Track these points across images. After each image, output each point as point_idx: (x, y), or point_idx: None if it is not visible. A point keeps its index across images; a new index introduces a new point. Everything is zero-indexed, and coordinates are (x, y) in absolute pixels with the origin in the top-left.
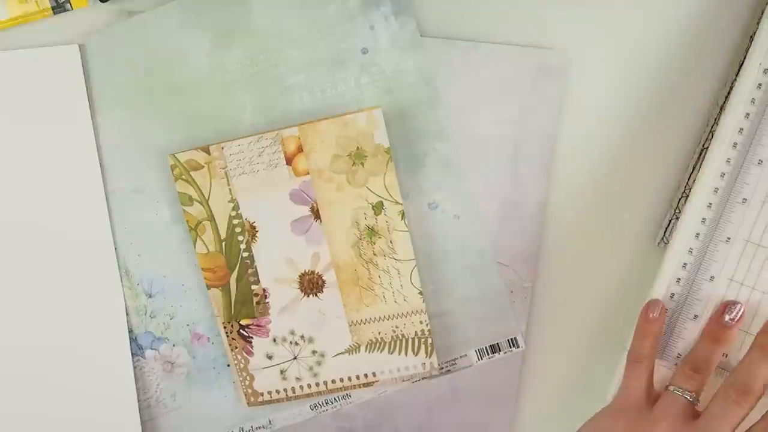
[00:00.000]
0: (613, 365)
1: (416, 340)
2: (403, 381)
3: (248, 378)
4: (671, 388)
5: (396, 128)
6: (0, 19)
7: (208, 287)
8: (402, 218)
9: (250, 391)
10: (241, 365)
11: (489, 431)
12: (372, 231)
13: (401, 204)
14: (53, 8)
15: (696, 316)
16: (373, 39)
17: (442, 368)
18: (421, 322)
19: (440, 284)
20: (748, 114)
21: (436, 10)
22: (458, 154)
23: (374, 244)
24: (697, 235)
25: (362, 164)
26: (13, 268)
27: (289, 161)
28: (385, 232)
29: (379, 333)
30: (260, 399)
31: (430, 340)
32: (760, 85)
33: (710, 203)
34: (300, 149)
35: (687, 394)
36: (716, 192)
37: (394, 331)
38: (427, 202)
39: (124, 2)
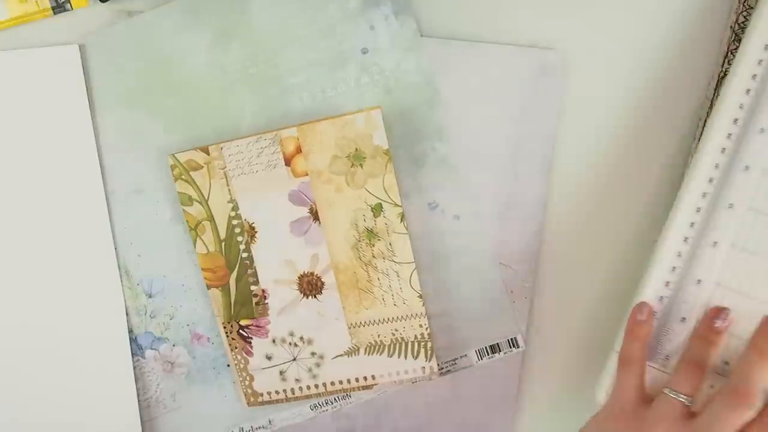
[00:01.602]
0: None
1: (416, 344)
2: (403, 382)
3: (248, 378)
4: (666, 390)
5: (396, 128)
6: (0, 19)
7: (208, 287)
8: (401, 220)
9: (249, 391)
10: (241, 365)
11: (489, 431)
12: (371, 233)
13: (400, 206)
14: (53, 8)
15: (683, 318)
16: (373, 39)
17: (442, 369)
18: (420, 326)
19: (440, 284)
20: (736, 119)
21: (436, 10)
22: (458, 154)
23: (373, 246)
24: (686, 239)
25: (361, 165)
26: (13, 268)
27: (287, 162)
28: (385, 234)
29: (379, 336)
30: (260, 399)
31: (429, 344)
32: (748, 90)
33: (699, 207)
34: (299, 150)
35: (681, 397)
36: (704, 197)
37: (394, 334)
38: (427, 202)
39: (124, 2)
